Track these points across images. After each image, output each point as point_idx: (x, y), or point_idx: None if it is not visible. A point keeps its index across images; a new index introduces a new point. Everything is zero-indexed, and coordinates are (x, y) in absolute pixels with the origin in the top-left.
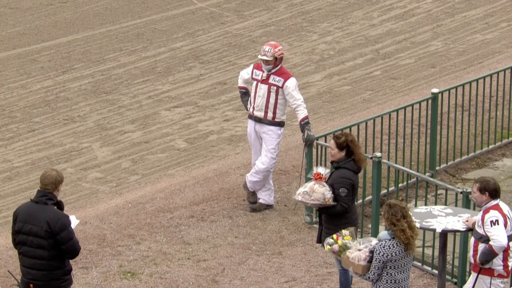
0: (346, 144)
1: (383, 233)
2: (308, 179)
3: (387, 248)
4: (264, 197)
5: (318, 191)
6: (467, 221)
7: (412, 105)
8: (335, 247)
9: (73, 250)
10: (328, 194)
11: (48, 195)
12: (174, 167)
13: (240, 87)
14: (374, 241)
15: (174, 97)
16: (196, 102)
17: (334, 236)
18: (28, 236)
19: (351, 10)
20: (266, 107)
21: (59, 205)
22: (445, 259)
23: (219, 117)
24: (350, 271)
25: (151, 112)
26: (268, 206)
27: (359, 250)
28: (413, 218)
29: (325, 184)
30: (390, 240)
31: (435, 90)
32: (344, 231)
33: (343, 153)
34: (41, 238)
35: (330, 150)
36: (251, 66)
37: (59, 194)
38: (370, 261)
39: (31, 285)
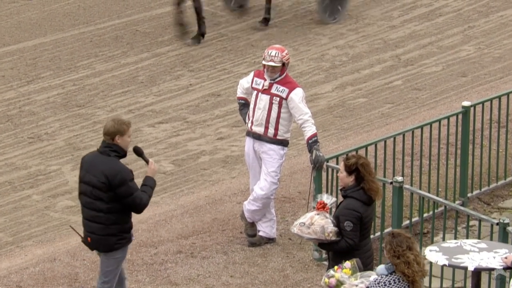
0: (355, 168)
1: (380, 267)
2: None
3: (382, 285)
4: (264, 229)
5: (317, 223)
6: (506, 258)
7: (439, 120)
8: (332, 281)
9: (134, 205)
10: (329, 227)
11: (111, 146)
12: (159, 194)
13: (239, 98)
14: (373, 276)
15: (159, 111)
16: (185, 117)
17: (336, 267)
18: (88, 186)
19: (367, 8)
20: (267, 121)
21: (136, 151)
22: None
23: (212, 134)
24: None
25: (132, 129)
26: (270, 240)
27: (355, 286)
28: (419, 252)
29: (327, 215)
30: (387, 275)
31: (466, 103)
32: (346, 263)
33: (351, 178)
34: (99, 190)
35: (339, 173)
36: (252, 73)
37: (129, 142)
38: None
39: (89, 239)
